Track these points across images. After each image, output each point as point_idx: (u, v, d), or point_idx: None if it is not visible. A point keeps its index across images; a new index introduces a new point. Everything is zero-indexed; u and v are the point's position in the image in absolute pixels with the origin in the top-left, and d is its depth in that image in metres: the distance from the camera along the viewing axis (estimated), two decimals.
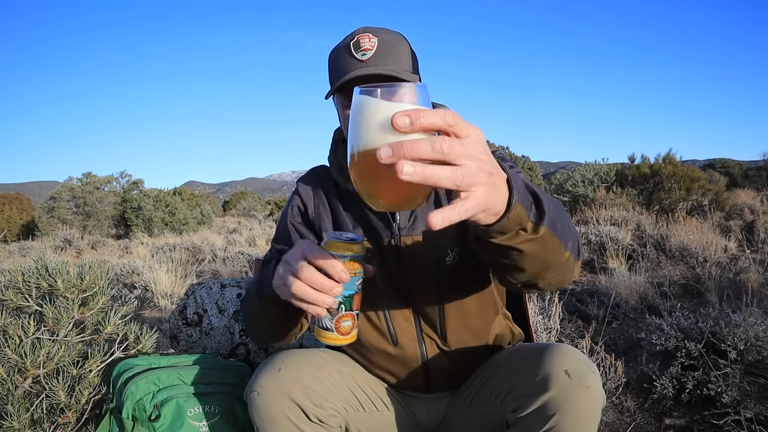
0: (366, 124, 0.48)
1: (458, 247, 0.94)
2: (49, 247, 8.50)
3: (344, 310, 0.73)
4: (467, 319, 0.97)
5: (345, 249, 0.71)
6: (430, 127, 0.45)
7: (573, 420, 0.75)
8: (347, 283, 0.71)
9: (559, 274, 0.73)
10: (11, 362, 1.19)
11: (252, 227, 11.49)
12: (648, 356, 1.93)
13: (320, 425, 0.88)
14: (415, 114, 0.44)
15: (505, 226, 0.57)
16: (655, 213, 6.61)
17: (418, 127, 0.44)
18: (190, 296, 1.83)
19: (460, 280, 0.95)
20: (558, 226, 0.65)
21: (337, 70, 0.93)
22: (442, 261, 0.94)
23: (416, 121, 0.44)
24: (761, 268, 3.15)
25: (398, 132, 0.45)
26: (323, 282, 0.68)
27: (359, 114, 0.49)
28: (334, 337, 0.74)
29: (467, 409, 0.98)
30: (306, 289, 0.69)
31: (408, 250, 0.96)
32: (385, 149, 0.43)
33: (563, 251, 0.69)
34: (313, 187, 1.07)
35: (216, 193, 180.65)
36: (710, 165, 17.61)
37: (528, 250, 0.63)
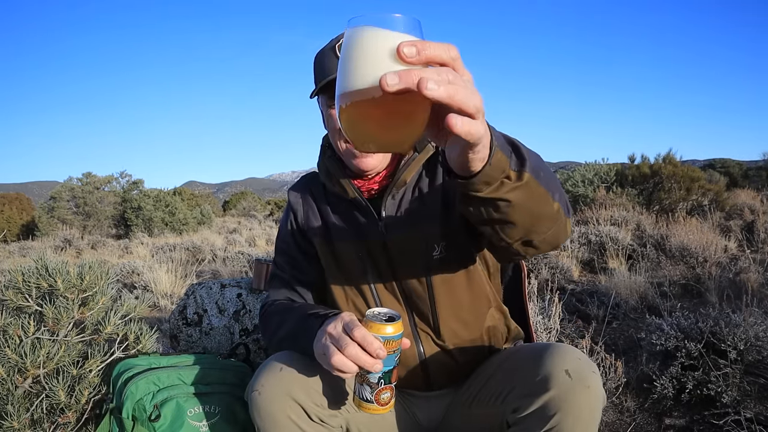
0: (364, 55, 0.44)
1: (444, 241, 0.96)
2: (49, 247, 8.51)
3: (383, 384, 0.80)
4: (459, 312, 0.98)
5: (383, 330, 0.77)
6: (434, 59, 0.44)
7: (574, 420, 0.75)
8: (386, 360, 0.77)
9: (551, 227, 0.72)
10: (11, 362, 1.19)
11: (252, 227, 11.49)
12: (648, 356, 1.93)
13: (321, 425, 0.88)
14: (422, 44, 0.43)
15: (489, 174, 0.58)
16: (655, 213, 6.61)
17: (424, 57, 0.43)
18: (190, 296, 1.83)
19: (448, 272, 0.97)
20: (541, 174, 0.66)
21: (321, 71, 0.94)
22: (429, 255, 0.96)
23: (422, 51, 0.43)
24: (761, 268, 3.15)
25: (402, 62, 0.43)
26: (366, 360, 0.75)
27: (354, 47, 0.45)
28: (374, 408, 0.81)
29: (467, 409, 0.98)
30: (347, 363, 0.75)
31: (396, 247, 0.98)
32: (391, 76, 0.41)
33: (551, 201, 0.69)
34: (302, 194, 1.12)
35: (216, 193, 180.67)
36: (710, 165, 17.61)
37: (515, 199, 0.63)
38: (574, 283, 3.63)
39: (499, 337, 1.04)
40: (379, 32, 0.44)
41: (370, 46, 0.44)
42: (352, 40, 0.45)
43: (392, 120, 0.46)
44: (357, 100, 0.45)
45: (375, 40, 0.44)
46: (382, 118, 0.46)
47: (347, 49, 0.46)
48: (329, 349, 0.77)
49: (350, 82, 0.45)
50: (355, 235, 1.01)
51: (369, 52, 0.44)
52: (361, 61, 0.44)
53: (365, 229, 1.00)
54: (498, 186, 0.61)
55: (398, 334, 0.78)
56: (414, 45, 0.43)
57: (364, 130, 0.48)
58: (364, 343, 0.75)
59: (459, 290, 0.98)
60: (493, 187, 0.61)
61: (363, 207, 1.00)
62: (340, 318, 0.82)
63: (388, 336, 0.77)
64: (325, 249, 1.05)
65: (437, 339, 0.99)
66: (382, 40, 0.44)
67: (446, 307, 0.98)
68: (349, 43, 0.46)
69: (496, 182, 0.60)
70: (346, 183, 1.00)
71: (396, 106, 0.44)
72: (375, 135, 0.48)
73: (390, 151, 0.46)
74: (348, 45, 0.46)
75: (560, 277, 3.66)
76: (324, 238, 1.06)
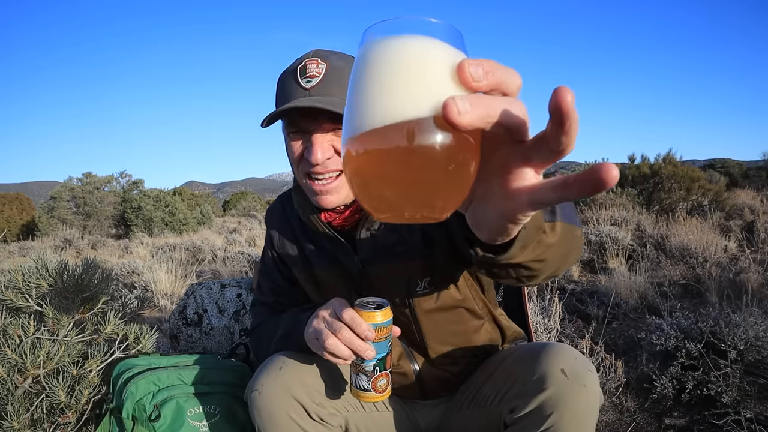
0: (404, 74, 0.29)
1: (428, 276, 0.91)
2: (49, 247, 8.51)
3: (379, 371, 0.80)
4: (447, 337, 0.97)
5: (373, 317, 0.77)
6: (501, 87, 0.31)
7: (570, 419, 0.74)
8: (379, 346, 0.78)
9: (577, 255, 0.65)
10: (11, 362, 1.19)
11: (252, 227, 11.48)
12: (648, 356, 1.93)
13: (321, 424, 0.88)
14: (489, 64, 0.31)
15: (526, 237, 0.47)
16: (655, 213, 6.61)
17: (492, 82, 0.31)
18: (190, 296, 1.83)
19: (433, 304, 0.94)
20: (567, 210, 0.57)
21: (281, 96, 0.87)
22: (412, 290, 0.92)
23: (490, 74, 0.31)
24: (761, 268, 3.15)
25: (463, 84, 0.30)
26: (359, 344, 0.75)
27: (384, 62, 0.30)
28: (372, 396, 0.81)
29: (466, 411, 0.98)
30: (341, 347, 0.75)
31: (378, 281, 0.93)
32: (462, 102, 0.28)
33: (577, 230, 0.60)
34: (278, 219, 1.09)
35: (216, 193, 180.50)
36: (710, 165, 17.60)
37: (550, 255, 0.54)
38: (574, 283, 3.63)
39: (494, 345, 1.03)
40: (428, 43, 0.31)
41: (414, 61, 0.30)
42: (380, 53, 0.31)
43: (442, 173, 0.30)
44: (385, 145, 0.29)
45: (423, 52, 0.30)
46: (430, 170, 0.30)
47: (369, 66, 0.31)
48: (322, 333, 0.78)
49: (377, 113, 0.29)
50: (334, 264, 0.97)
51: (413, 68, 0.30)
52: (399, 81, 0.29)
53: (343, 261, 0.95)
54: (534, 246, 0.50)
55: (388, 320, 0.79)
56: (481, 65, 0.30)
57: (392, 189, 0.31)
58: (352, 324, 0.76)
59: (446, 318, 0.95)
60: (528, 249, 0.50)
61: (336, 241, 0.94)
62: (330, 303, 0.82)
63: (378, 323, 0.78)
64: (305, 276, 1.03)
65: (428, 359, 0.99)
66: (434, 53, 0.30)
67: (433, 335, 0.96)
68: (374, 58, 0.31)
69: (532, 242, 0.50)
70: (315, 219, 0.94)
71: (453, 152, 0.29)
72: (410, 196, 0.31)
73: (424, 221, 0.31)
74: (371, 61, 0.31)
75: (560, 277, 3.66)
76: (302, 266, 1.03)
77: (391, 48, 0.31)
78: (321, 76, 0.83)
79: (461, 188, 0.32)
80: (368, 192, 0.32)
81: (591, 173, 0.28)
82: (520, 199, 0.34)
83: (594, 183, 0.29)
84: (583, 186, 0.29)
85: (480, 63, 0.31)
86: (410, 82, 0.29)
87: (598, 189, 0.29)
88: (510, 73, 0.32)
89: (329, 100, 0.81)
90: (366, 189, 0.32)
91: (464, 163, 0.31)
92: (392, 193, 0.31)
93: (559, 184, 0.31)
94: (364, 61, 0.31)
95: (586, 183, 0.29)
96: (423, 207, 0.31)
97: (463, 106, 0.28)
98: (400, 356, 1.00)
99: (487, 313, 1.01)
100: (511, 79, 0.32)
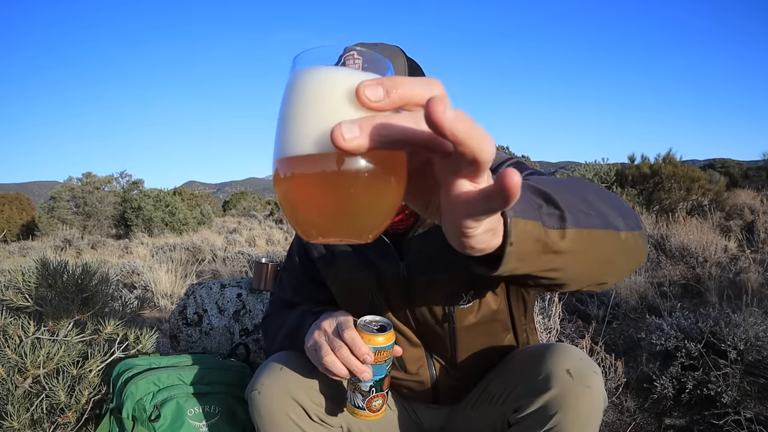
0: (306, 106, 0.31)
1: (473, 289, 0.88)
2: (49, 247, 8.50)
3: (375, 392, 0.80)
4: (478, 350, 0.95)
5: (374, 340, 0.76)
6: (411, 101, 0.30)
7: (574, 419, 0.74)
8: (378, 368, 0.77)
9: (624, 259, 0.57)
10: (11, 362, 1.19)
11: (252, 227, 11.48)
12: (648, 356, 1.93)
13: (321, 424, 0.88)
14: (391, 81, 0.29)
15: (517, 252, 0.42)
16: (655, 213, 6.61)
17: (396, 99, 0.29)
18: (190, 296, 1.83)
19: (474, 319, 0.91)
20: (593, 213, 0.51)
21: None
22: (455, 304, 0.89)
23: (393, 91, 0.29)
24: (761, 268, 3.15)
25: (364, 107, 0.29)
26: (356, 365, 0.74)
27: (294, 95, 0.31)
28: (365, 415, 0.81)
29: (470, 411, 0.98)
30: (337, 365, 0.74)
31: (417, 291, 0.89)
32: (347, 127, 0.27)
33: (615, 234, 0.53)
34: None
35: (216, 193, 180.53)
36: (710, 165, 17.59)
37: (565, 264, 0.49)
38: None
39: (511, 351, 1.00)
40: (329, 72, 0.31)
41: (314, 92, 0.31)
42: (292, 86, 0.32)
43: (353, 199, 0.30)
44: (298, 171, 0.30)
45: (321, 83, 0.31)
46: (338, 197, 0.30)
47: (286, 98, 0.32)
48: (321, 349, 0.77)
49: (288, 144, 0.31)
50: (369, 270, 0.92)
51: (313, 99, 0.30)
52: (302, 114, 0.30)
53: (381, 267, 0.90)
54: (537, 257, 0.45)
55: (389, 344, 0.78)
56: (380, 84, 0.29)
57: (309, 215, 0.32)
58: (352, 346, 0.74)
59: (481, 332, 0.93)
60: (530, 261, 0.45)
61: (383, 244, 0.89)
62: (335, 316, 0.81)
63: (379, 347, 0.76)
64: (331, 278, 1.00)
65: (452, 370, 0.97)
66: (331, 81, 0.31)
67: (466, 349, 0.94)
68: (289, 90, 0.32)
69: (533, 253, 0.45)
70: None
71: (358, 176, 0.29)
72: (326, 222, 0.32)
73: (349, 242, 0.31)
74: (287, 93, 0.32)
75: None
76: (330, 267, 0.99)
77: (299, 79, 0.32)
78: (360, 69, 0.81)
79: (383, 211, 0.32)
80: (294, 213, 0.33)
81: (498, 182, 0.28)
82: (458, 211, 0.32)
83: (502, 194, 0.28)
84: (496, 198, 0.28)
85: (380, 82, 0.29)
86: (312, 111, 0.30)
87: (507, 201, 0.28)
88: (422, 85, 0.30)
89: None
90: (292, 210, 0.33)
91: (378, 186, 0.31)
92: (314, 214, 0.32)
93: (486, 193, 0.29)
94: (286, 88, 0.33)
95: (496, 195, 0.28)
96: (344, 228, 0.32)
97: (350, 131, 0.27)
98: (420, 365, 0.97)
99: (521, 325, 0.97)
100: (424, 90, 0.30)
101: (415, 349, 0.96)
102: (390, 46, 0.86)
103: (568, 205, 0.48)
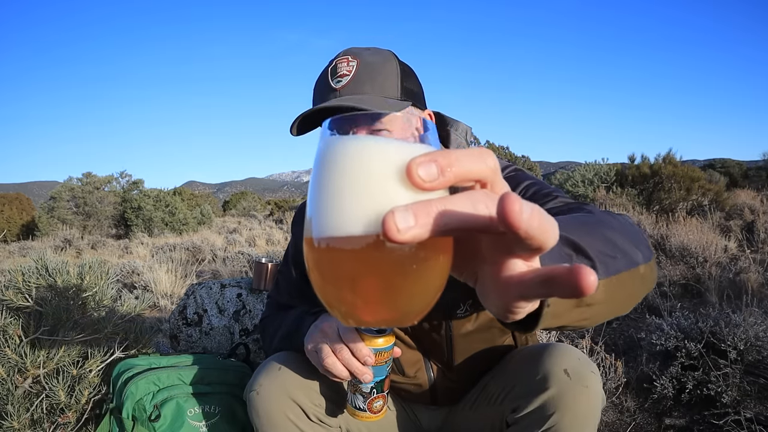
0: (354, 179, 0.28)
1: (471, 298, 0.88)
2: (49, 247, 8.50)
3: (376, 393, 0.80)
4: (475, 354, 0.96)
5: (374, 342, 0.76)
6: (466, 178, 0.28)
7: (571, 419, 0.74)
8: (378, 370, 0.78)
9: (643, 291, 0.56)
10: (11, 362, 1.19)
11: (252, 227, 11.48)
12: (648, 356, 1.93)
13: (320, 425, 0.88)
14: (445, 160, 0.27)
15: (552, 312, 0.41)
16: (655, 213, 6.60)
17: (451, 177, 0.27)
18: (190, 296, 1.83)
19: (470, 327, 0.91)
20: (618, 255, 0.50)
21: (314, 100, 0.84)
22: (453, 313, 0.90)
23: (448, 169, 0.27)
24: (761, 268, 3.15)
25: (415, 188, 0.27)
26: (357, 367, 0.74)
27: (339, 164, 0.28)
28: (366, 416, 0.81)
29: (469, 411, 0.98)
30: (338, 366, 0.74)
31: None
32: (401, 216, 0.24)
33: (636, 272, 0.52)
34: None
35: (216, 193, 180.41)
36: (710, 165, 17.59)
37: (594, 314, 0.47)
38: None
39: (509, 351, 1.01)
40: (377, 145, 0.28)
41: (361, 166, 0.28)
42: (335, 155, 0.29)
43: (402, 285, 0.28)
44: (339, 249, 0.28)
45: (370, 156, 0.28)
46: (386, 284, 0.28)
47: (327, 166, 0.29)
48: (322, 351, 0.77)
49: (326, 222, 0.28)
50: None
51: (360, 175, 0.27)
52: (347, 190, 0.27)
53: None
54: (570, 312, 0.44)
55: (389, 345, 0.78)
56: (434, 161, 0.26)
57: (348, 298, 0.29)
58: (353, 348, 0.75)
59: (479, 338, 0.94)
60: (565, 316, 0.44)
61: None
62: (335, 318, 0.81)
63: (379, 348, 0.77)
64: None
65: (449, 373, 0.98)
66: (381, 156, 0.28)
67: (463, 353, 0.94)
68: (330, 159, 0.29)
69: (567, 310, 0.43)
70: None
71: (408, 262, 0.27)
72: (368, 307, 0.29)
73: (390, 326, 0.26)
74: (328, 161, 0.29)
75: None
76: None
77: (341, 151, 0.29)
78: (351, 74, 0.80)
79: (431, 294, 0.30)
80: (329, 294, 0.30)
81: (568, 275, 0.25)
82: (510, 291, 0.30)
83: (571, 288, 0.25)
84: (563, 289, 0.25)
85: (434, 158, 0.26)
86: (360, 194, 0.27)
87: (576, 296, 0.25)
88: (476, 159, 0.28)
89: (359, 99, 0.77)
90: (326, 290, 0.30)
91: (425, 274, 0.28)
92: (352, 299, 0.29)
93: (546, 279, 0.27)
94: (321, 157, 0.30)
95: (563, 286, 0.25)
96: (393, 316, 0.30)
97: (404, 221, 0.24)
98: (418, 368, 0.97)
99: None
100: (480, 166, 0.28)
101: (412, 353, 0.97)
102: (382, 51, 0.85)
103: (596, 253, 0.46)
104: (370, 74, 0.80)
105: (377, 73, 0.81)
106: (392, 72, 0.82)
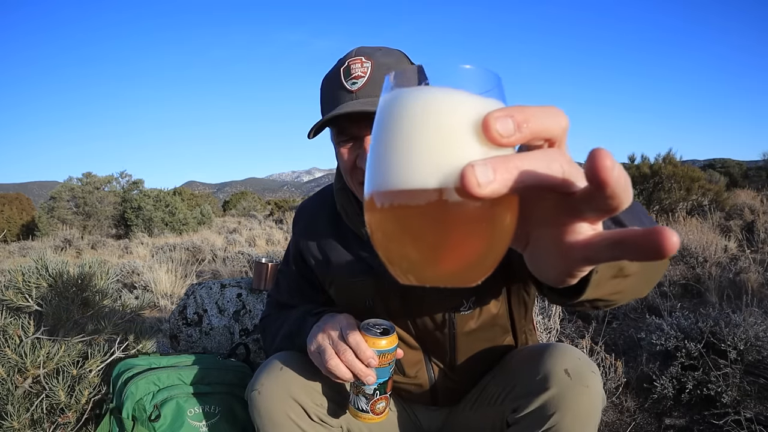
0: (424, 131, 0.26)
1: (475, 296, 0.88)
2: (49, 247, 8.50)
3: (379, 395, 0.80)
4: (477, 353, 0.95)
5: (377, 344, 0.76)
6: (540, 135, 0.27)
7: (572, 419, 0.74)
8: (381, 371, 0.77)
9: (660, 275, 0.58)
10: (11, 362, 1.19)
11: (252, 227, 11.48)
12: (648, 356, 1.93)
13: (321, 425, 0.88)
14: (522, 115, 0.26)
15: (599, 279, 0.42)
16: (655, 213, 6.61)
17: (528, 133, 0.26)
18: (190, 296, 1.83)
19: (474, 324, 0.91)
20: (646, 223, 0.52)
21: (327, 102, 0.82)
22: (456, 310, 0.89)
23: (524, 125, 0.26)
24: (761, 268, 3.15)
25: (490, 142, 0.26)
26: (360, 368, 0.74)
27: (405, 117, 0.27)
28: (369, 417, 0.81)
29: (469, 411, 0.98)
30: (342, 369, 0.74)
31: (416, 298, 0.89)
32: (482, 170, 0.24)
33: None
34: (311, 217, 1.03)
35: (216, 193, 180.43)
36: (710, 165, 17.59)
37: (629, 285, 0.49)
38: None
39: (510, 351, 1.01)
40: (452, 97, 0.27)
41: (431, 118, 0.26)
42: (400, 108, 0.28)
43: (471, 242, 0.27)
44: (405, 204, 0.26)
45: (440, 108, 0.27)
46: (456, 240, 0.27)
47: (391, 120, 0.28)
48: (325, 352, 0.77)
49: (393, 176, 0.27)
50: (367, 276, 0.92)
51: (431, 126, 0.26)
52: (416, 142, 0.26)
53: (380, 273, 0.89)
54: (610, 281, 0.45)
55: (392, 347, 0.78)
56: (510, 116, 0.26)
57: (412, 254, 0.28)
58: (357, 349, 0.75)
59: (481, 337, 0.93)
60: (604, 286, 0.45)
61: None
62: (338, 319, 0.81)
63: (383, 350, 0.76)
64: (329, 283, 1.00)
65: (450, 373, 0.97)
66: (450, 107, 0.27)
67: (465, 353, 0.94)
68: (395, 113, 0.28)
69: (609, 279, 0.45)
70: (361, 225, 0.90)
71: (481, 218, 0.26)
72: (433, 264, 0.28)
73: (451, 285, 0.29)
74: (392, 116, 0.28)
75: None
76: (328, 272, 0.98)
77: (411, 103, 0.27)
78: (367, 76, 0.78)
79: (498, 253, 0.29)
80: (393, 251, 0.29)
81: (648, 236, 0.24)
82: (574, 255, 0.29)
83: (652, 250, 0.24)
84: (639, 251, 0.25)
85: (510, 113, 0.25)
86: (431, 147, 0.26)
87: (655, 258, 0.24)
88: (551, 117, 0.27)
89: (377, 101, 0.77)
90: (390, 246, 0.29)
91: (494, 231, 0.27)
92: (419, 254, 0.28)
93: (617, 242, 0.26)
94: (387, 111, 0.29)
95: (641, 248, 0.25)
96: (452, 271, 0.29)
97: (484, 175, 0.24)
98: (418, 369, 0.97)
99: (521, 327, 0.97)
100: (554, 124, 0.27)
101: (414, 353, 0.96)
102: (393, 51, 0.84)
103: (632, 224, 0.47)
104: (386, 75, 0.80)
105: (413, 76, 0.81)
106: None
